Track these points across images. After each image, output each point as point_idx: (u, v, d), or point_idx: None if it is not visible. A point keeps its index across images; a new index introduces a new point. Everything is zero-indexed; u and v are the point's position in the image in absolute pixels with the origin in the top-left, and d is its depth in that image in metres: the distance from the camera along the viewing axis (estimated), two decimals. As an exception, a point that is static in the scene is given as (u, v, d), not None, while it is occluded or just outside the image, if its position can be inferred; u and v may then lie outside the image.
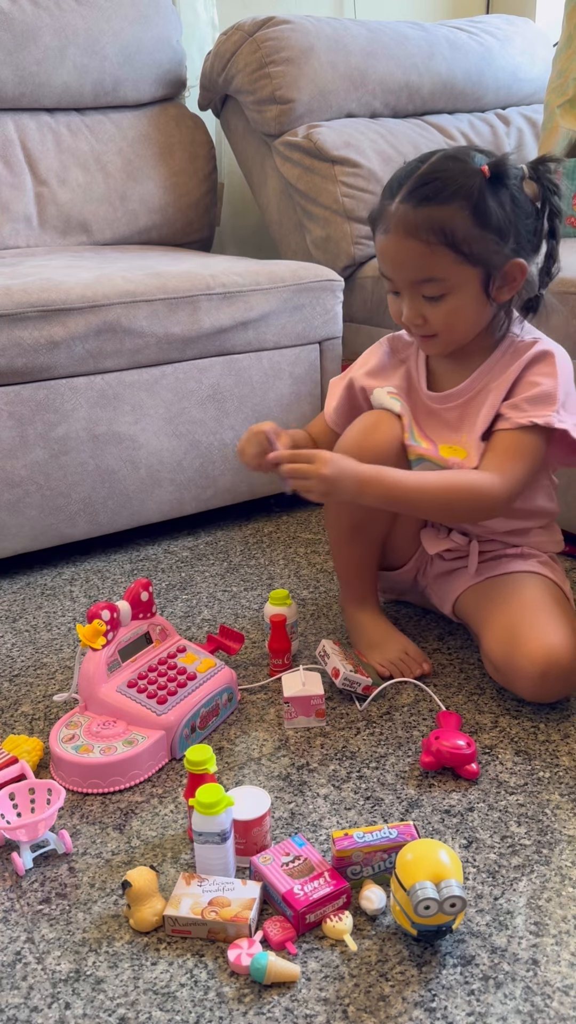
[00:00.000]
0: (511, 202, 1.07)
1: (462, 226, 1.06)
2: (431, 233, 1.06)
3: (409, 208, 1.07)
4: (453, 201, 1.06)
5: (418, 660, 1.28)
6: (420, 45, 2.17)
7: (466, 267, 1.08)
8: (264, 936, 0.86)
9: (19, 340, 1.49)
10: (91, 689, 1.14)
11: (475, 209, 1.06)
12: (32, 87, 2.03)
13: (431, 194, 1.06)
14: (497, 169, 1.06)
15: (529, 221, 1.10)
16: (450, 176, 1.06)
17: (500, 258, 1.08)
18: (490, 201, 1.06)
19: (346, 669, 1.20)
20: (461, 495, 1.12)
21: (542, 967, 0.82)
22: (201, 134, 2.25)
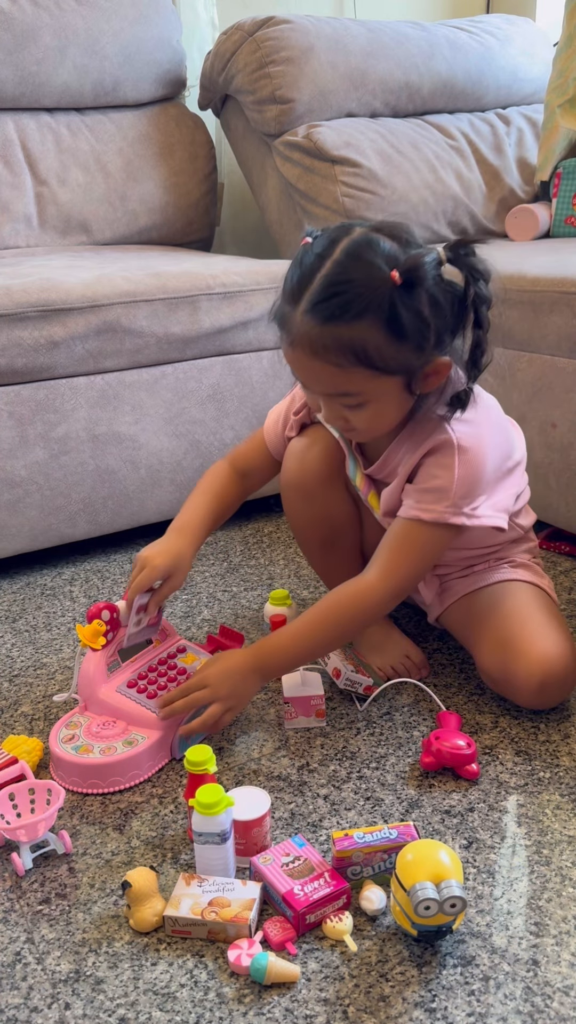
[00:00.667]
0: (429, 302, 0.95)
1: (375, 343, 0.94)
2: (341, 355, 0.95)
3: (314, 325, 0.95)
4: (363, 317, 0.93)
5: (418, 665, 1.28)
6: (420, 45, 2.17)
7: (384, 379, 0.98)
8: (264, 936, 0.86)
9: (19, 340, 1.49)
10: (91, 689, 1.14)
11: (388, 323, 0.94)
12: (32, 87, 2.03)
13: (337, 311, 0.93)
14: (409, 274, 0.92)
15: (451, 315, 0.97)
16: (357, 288, 0.93)
17: (421, 361, 0.98)
18: (404, 310, 0.93)
19: (347, 669, 1.20)
20: (344, 615, 1.10)
21: (542, 967, 0.82)
22: (201, 134, 2.25)
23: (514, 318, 1.59)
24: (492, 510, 1.09)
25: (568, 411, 1.53)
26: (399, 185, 2.00)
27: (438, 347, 0.99)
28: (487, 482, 1.08)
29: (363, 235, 0.96)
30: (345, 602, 1.10)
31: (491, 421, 1.11)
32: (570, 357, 1.51)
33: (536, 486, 1.61)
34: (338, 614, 1.10)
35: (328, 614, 1.10)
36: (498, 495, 1.11)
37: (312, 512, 1.26)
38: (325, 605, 1.11)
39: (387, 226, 0.98)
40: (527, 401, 1.59)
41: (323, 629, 1.10)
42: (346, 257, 0.94)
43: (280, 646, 1.11)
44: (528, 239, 2.03)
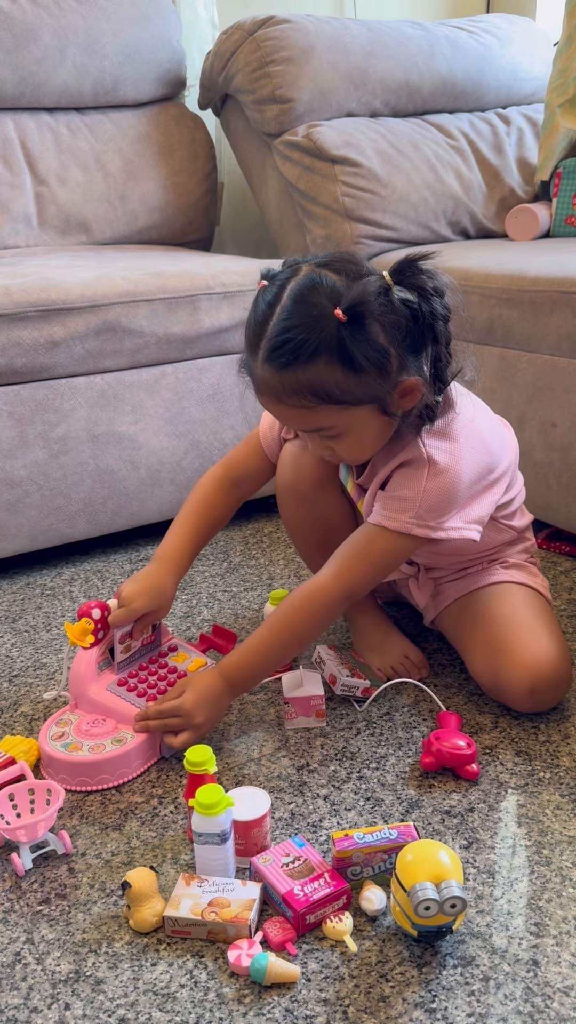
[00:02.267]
0: (383, 329, 0.95)
1: (333, 381, 0.95)
2: (304, 397, 0.97)
3: (273, 373, 0.97)
4: (316, 359, 0.94)
5: (418, 665, 1.28)
6: (420, 44, 2.17)
7: (354, 410, 0.99)
8: (264, 937, 0.85)
9: (19, 340, 1.49)
10: (81, 687, 1.15)
11: (342, 359, 0.94)
12: (32, 87, 2.03)
13: (291, 358, 0.95)
14: (354, 309, 0.92)
15: (409, 336, 0.97)
16: (304, 333, 0.94)
17: (388, 385, 0.98)
18: (355, 345, 0.94)
19: (342, 675, 1.20)
20: (298, 617, 1.11)
21: (542, 968, 0.82)
22: (201, 134, 2.25)
23: (514, 318, 1.59)
24: (463, 522, 1.09)
25: (568, 411, 1.52)
26: (399, 185, 2.00)
27: (403, 369, 0.99)
28: (458, 499, 1.07)
29: (307, 275, 0.96)
30: (297, 604, 1.11)
31: (473, 437, 1.09)
32: (570, 357, 1.51)
33: (536, 486, 1.61)
34: (293, 618, 1.11)
35: (283, 619, 1.11)
36: (473, 508, 1.10)
37: (307, 515, 1.27)
38: (280, 611, 1.12)
39: (334, 260, 0.98)
40: (527, 401, 1.59)
41: (281, 635, 1.12)
42: (292, 302, 0.95)
43: (244, 661, 1.12)
44: (528, 239, 2.03)
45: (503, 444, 1.16)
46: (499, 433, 1.17)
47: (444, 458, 1.06)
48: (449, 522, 1.08)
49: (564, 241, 1.96)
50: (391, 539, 1.08)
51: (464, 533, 1.09)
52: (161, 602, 1.18)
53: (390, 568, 1.13)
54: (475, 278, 1.67)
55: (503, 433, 1.19)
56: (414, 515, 1.06)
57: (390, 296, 0.95)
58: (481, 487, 1.11)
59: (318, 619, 1.12)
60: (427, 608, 1.31)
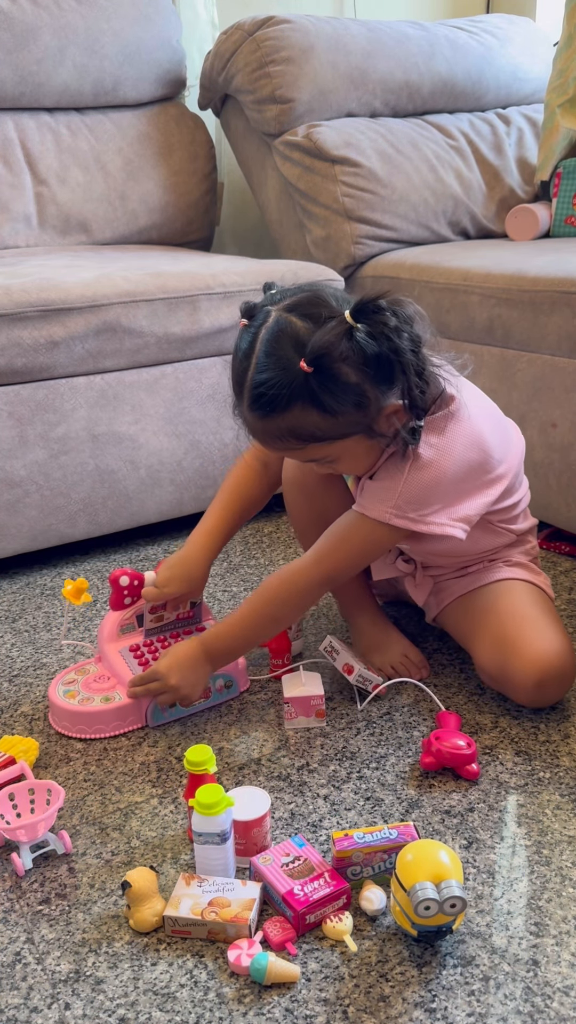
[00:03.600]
0: (353, 369, 0.97)
1: (312, 423, 1.00)
2: (289, 440, 1.02)
3: (256, 420, 1.02)
4: (292, 406, 0.98)
5: (418, 665, 1.28)
6: (420, 45, 2.17)
7: (339, 443, 1.03)
8: (264, 937, 0.86)
9: (19, 340, 1.49)
10: (101, 644, 1.25)
11: (317, 405, 0.98)
12: (32, 87, 2.03)
13: (268, 408, 0.99)
14: (318, 360, 0.95)
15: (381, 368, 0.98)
16: (277, 385, 0.97)
17: (370, 415, 1.01)
18: (325, 391, 0.97)
19: (360, 666, 1.20)
20: (277, 597, 1.14)
21: (542, 968, 0.82)
22: (201, 134, 2.25)
23: (514, 318, 1.59)
24: (448, 519, 1.09)
25: (568, 411, 1.53)
26: (399, 185, 2.00)
27: (382, 397, 1.01)
28: (443, 494, 1.08)
29: (275, 322, 0.99)
30: (276, 584, 1.14)
31: (466, 435, 1.08)
32: (570, 357, 1.51)
33: (536, 486, 1.61)
34: (271, 597, 1.14)
35: (262, 597, 1.15)
36: (461, 506, 1.09)
37: (311, 510, 1.27)
38: (261, 589, 1.15)
39: (301, 303, 1.00)
40: (527, 401, 1.59)
41: (260, 612, 1.15)
42: (264, 356, 0.99)
43: (222, 632, 1.16)
44: (528, 239, 2.03)
45: (506, 447, 1.16)
46: (503, 435, 1.16)
47: (429, 452, 1.07)
48: (432, 516, 1.08)
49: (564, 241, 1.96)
50: (370, 527, 1.10)
51: (447, 530, 1.08)
52: (193, 585, 1.25)
53: (369, 556, 1.15)
54: (475, 278, 1.67)
55: (509, 435, 1.19)
56: (393, 505, 1.07)
57: (354, 337, 0.96)
58: (472, 486, 1.11)
59: (296, 601, 1.14)
60: (429, 605, 1.31)
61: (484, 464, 1.11)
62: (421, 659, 1.29)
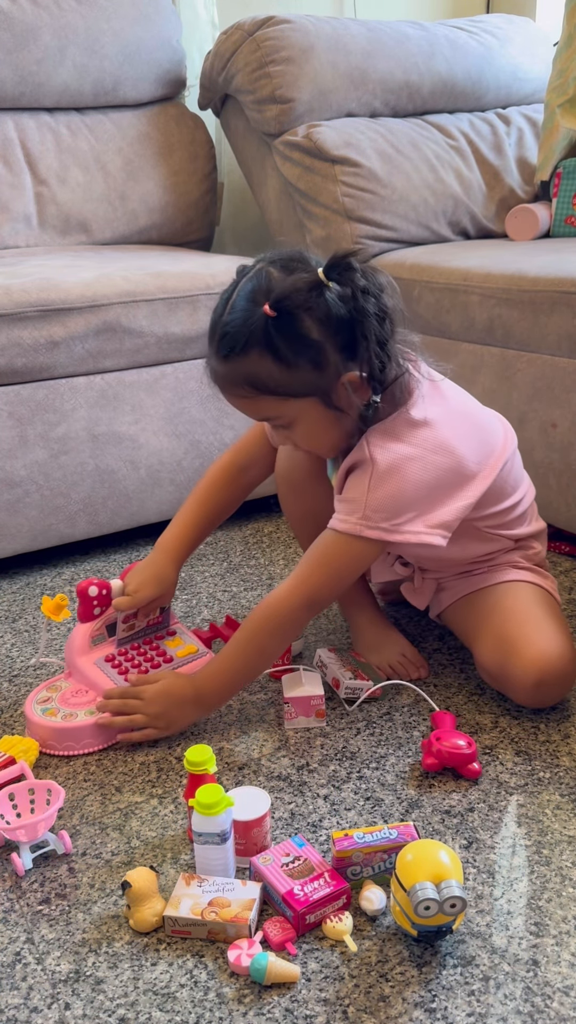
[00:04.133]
0: (316, 324, 0.97)
1: (268, 372, 1.00)
2: (242, 387, 1.02)
3: (218, 362, 1.03)
4: (250, 351, 0.99)
5: (415, 663, 1.28)
6: (420, 45, 2.17)
7: (294, 402, 1.03)
8: (264, 937, 0.86)
9: (19, 340, 1.49)
10: (72, 657, 1.22)
11: (274, 352, 0.98)
12: (32, 87, 2.03)
13: (228, 349, 1.00)
14: (281, 305, 0.96)
15: (344, 332, 0.99)
16: (237, 326, 0.99)
17: (327, 379, 1.01)
18: (286, 340, 0.98)
19: (345, 677, 1.21)
20: (262, 631, 1.11)
21: (542, 968, 0.82)
22: (201, 134, 2.25)
23: (514, 318, 1.59)
24: (424, 527, 1.07)
25: (568, 411, 1.52)
26: (399, 185, 2.00)
27: (344, 361, 1.00)
28: (414, 501, 1.06)
29: (254, 273, 1.01)
30: (260, 618, 1.12)
31: (430, 440, 1.06)
32: (570, 357, 1.51)
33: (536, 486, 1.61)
34: (257, 631, 1.12)
35: (248, 633, 1.12)
36: (437, 512, 1.08)
37: (301, 506, 1.28)
38: (244, 627, 1.13)
39: (282, 258, 1.02)
40: (527, 401, 1.59)
41: (248, 649, 1.13)
42: (238, 298, 1.01)
43: (212, 673, 1.14)
44: (528, 239, 2.03)
45: (485, 448, 1.13)
46: (481, 435, 1.13)
47: (389, 457, 1.05)
48: (407, 525, 1.06)
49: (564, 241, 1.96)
50: (346, 543, 1.08)
51: (424, 538, 1.07)
52: (164, 589, 1.24)
53: (350, 574, 1.12)
54: (475, 278, 1.67)
55: (489, 435, 1.15)
56: (362, 516, 1.06)
57: (323, 292, 0.97)
58: (446, 491, 1.08)
59: (281, 632, 1.12)
60: (432, 602, 1.31)
61: (456, 468, 1.08)
62: (419, 658, 1.29)
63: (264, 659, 1.15)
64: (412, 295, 1.83)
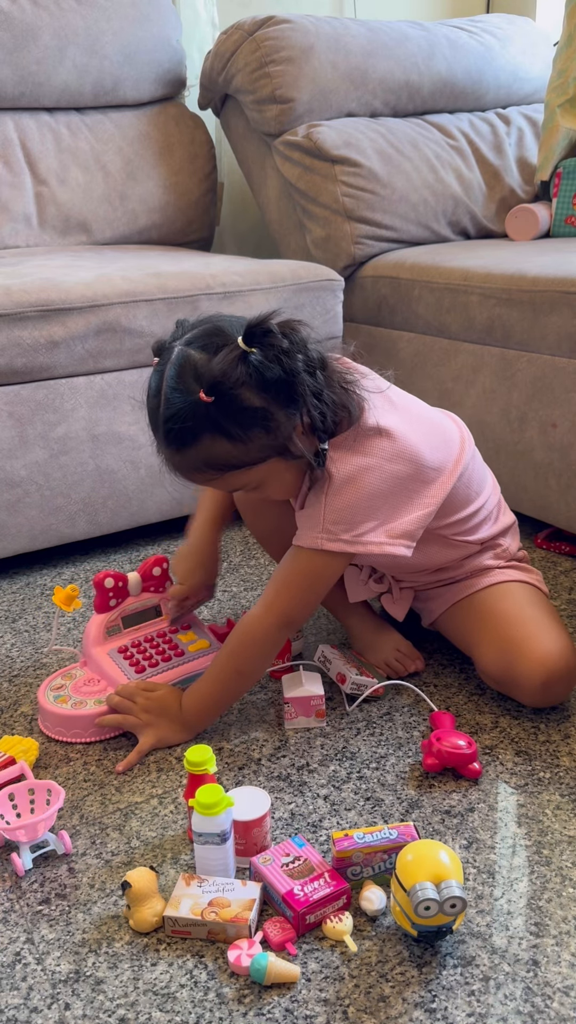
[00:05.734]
0: (255, 393, 0.98)
1: (223, 451, 1.00)
2: (204, 471, 1.03)
3: (172, 454, 1.03)
4: (201, 438, 0.99)
5: (411, 656, 1.28)
6: (420, 44, 2.17)
7: (257, 467, 1.03)
8: (264, 937, 0.86)
9: (19, 340, 1.49)
10: (87, 647, 1.25)
11: (224, 433, 0.99)
12: (32, 87, 2.03)
13: (179, 442, 1.01)
14: (217, 389, 0.96)
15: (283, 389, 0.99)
16: (181, 419, 0.98)
17: (282, 437, 1.01)
18: (231, 417, 0.98)
19: (351, 673, 1.21)
20: (241, 654, 1.12)
21: (542, 968, 0.82)
22: (201, 134, 2.25)
23: (514, 318, 1.59)
24: (386, 537, 1.07)
25: (568, 411, 1.53)
26: (399, 185, 2.00)
27: (291, 417, 1.01)
28: (373, 511, 1.06)
29: (176, 358, 1.00)
30: (237, 640, 1.13)
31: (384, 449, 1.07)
32: (570, 357, 1.51)
33: (536, 486, 1.61)
34: (235, 654, 1.13)
35: (228, 655, 1.13)
36: (399, 521, 1.08)
37: (264, 524, 1.31)
38: (225, 648, 1.14)
39: (199, 336, 1.01)
40: (527, 401, 1.59)
41: (226, 672, 1.13)
42: (169, 392, 0.99)
43: (195, 695, 1.15)
44: (528, 239, 2.03)
45: (443, 452, 1.13)
46: (438, 440, 1.13)
47: (345, 469, 1.05)
48: (368, 536, 1.06)
49: (564, 241, 1.96)
50: (309, 558, 1.08)
51: (387, 549, 1.07)
52: (209, 570, 1.31)
53: (320, 589, 1.12)
54: (475, 278, 1.67)
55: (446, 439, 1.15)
56: (321, 530, 1.06)
57: (249, 361, 0.96)
58: (407, 499, 1.09)
59: (259, 653, 1.13)
60: (424, 612, 1.31)
61: (415, 475, 1.09)
62: (413, 651, 1.29)
63: (245, 681, 1.15)
64: (412, 295, 1.83)
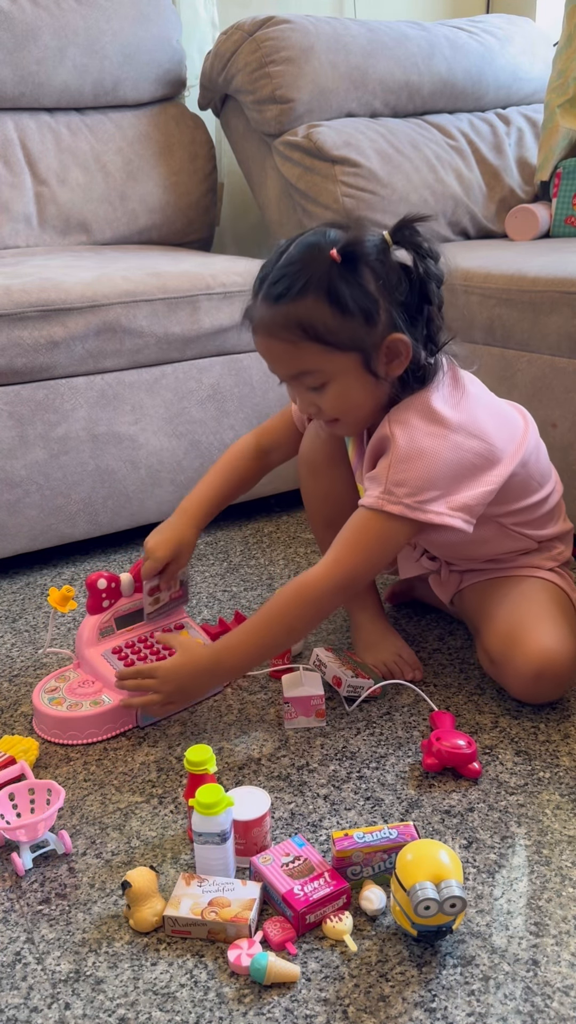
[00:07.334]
0: (375, 279, 1.00)
1: (321, 318, 1.00)
2: (291, 330, 1.02)
3: (267, 307, 1.03)
4: (307, 294, 1.00)
5: (411, 664, 1.28)
6: (420, 45, 2.17)
7: (338, 355, 1.02)
8: (264, 936, 0.86)
9: (19, 340, 1.49)
10: (80, 649, 1.25)
11: (332, 298, 0.99)
12: (32, 87, 2.03)
13: (284, 290, 1.01)
14: (349, 250, 0.98)
15: (402, 291, 1.02)
16: (299, 268, 1.00)
17: (374, 337, 1.02)
18: (347, 286, 0.99)
19: (347, 676, 1.21)
20: (290, 610, 1.10)
21: (542, 967, 0.82)
22: (201, 134, 2.25)
23: (514, 318, 1.59)
24: (446, 507, 1.06)
25: (568, 411, 1.53)
26: (399, 185, 2.00)
27: (392, 325, 1.02)
28: (435, 479, 1.05)
29: (316, 230, 1.04)
30: (291, 594, 1.10)
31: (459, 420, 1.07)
32: (570, 357, 1.51)
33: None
34: (285, 609, 1.11)
35: (276, 610, 1.11)
36: (460, 494, 1.07)
37: (317, 488, 1.29)
38: (274, 601, 1.12)
39: (342, 221, 1.06)
40: (527, 401, 1.59)
41: (273, 625, 1.11)
42: (296, 246, 1.03)
43: (235, 644, 1.13)
44: (528, 239, 2.03)
45: (502, 431, 1.13)
46: (499, 419, 1.14)
47: (412, 435, 1.05)
48: (430, 504, 1.05)
49: (564, 241, 1.96)
50: (371, 519, 1.07)
51: (447, 520, 1.06)
52: (181, 550, 1.26)
53: (382, 556, 1.10)
54: (475, 278, 1.67)
55: (505, 419, 1.15)
56: (384, 491, 1.05)
57: (387, 252, 1.01)
58: (469, 473, 1.07)
59: (312, 611, 1.11)
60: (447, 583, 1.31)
61: (480, 451, 1.08)
62: (415, 660, 1.29)
63: (291, 637, 1.14)
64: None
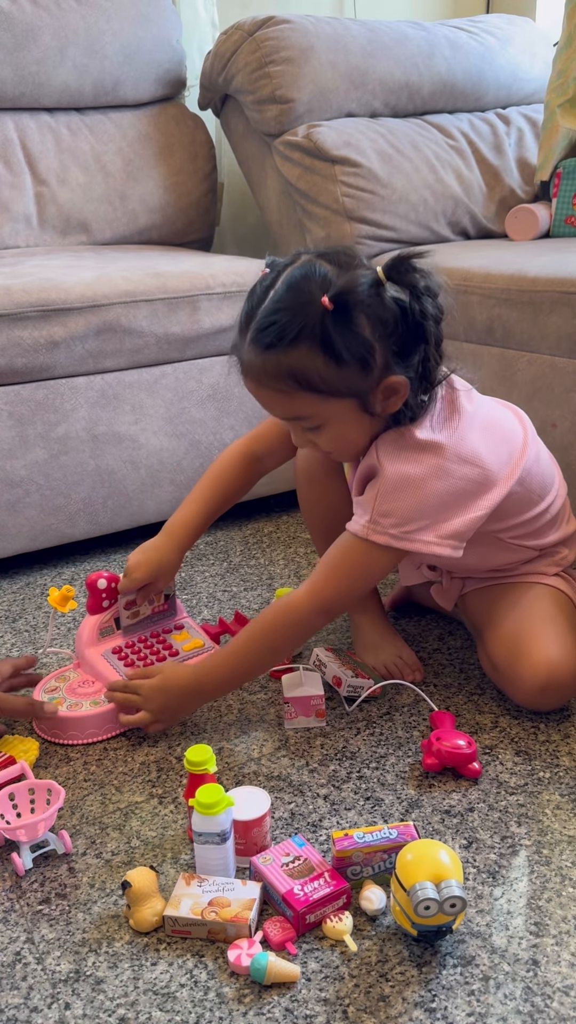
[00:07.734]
0: (369, 323, 0.95)
1: (315, 368, 0.96)
2: (284, 380, 0.98)
3: (257, 354, 0.98)
4: (299, 344, 0.95)
5: (411, 666, 1.28)
6: (420, 45, 2.17)
7: (333, 401, 0.99)
8: (264, 936, 0.86)
9: (19, 340, 1.49)
10: (80, 649, 1.25)
11: (325, 348, 0.95)
12: (32, 87, 2.03)
13: (274, 339, 0.96)
14: (341, 298, 0.93)
15: (397, 333, 0.97)
16: (290, 316, 0.95)
17: (370, 382, 0.98)
18: (340, 335, 0.94)
19: (347, 676, 1.21)
20: (273, 632, 1.11)
21: (542, 967, 0.82)
22: (201, 134, 2.25)
23: (514, 318, 1.59)
24: (435, 536, 1.04)
25: (568, 411, 1.53)
26: (399, 185, 2.00)
27: (388, 367, 0.99)
28: (424, 510, 1.03)
29: (304, 263, 0.98)
30: (271, 618, 1.11)
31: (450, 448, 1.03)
32: (570, 357, 1.51)
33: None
34: (267, 631, 1.11)
35: (258, 632, 1.12)
36: (452, 523, 1.04)
37: (314, 499, 1.29)
38: (257, 623, 1.12)
39: (332, 252, 0.99)
40: (527, 401, 1.59)
41: (255, 647, 1.12)
42: (285, 288, 0.97)
43: (216, 665, 1.13)
44: (528, 239, 2.03)
45: (499, 454, 1.08)
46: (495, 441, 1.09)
47: (400, 467, 1.03)
48: (417, 534, 1.04)
49: (564, 241, 1.96)
50: (356, 546, 1.06)
51: (435, 549, 1.04)
52: (161, 573, 1.23)
53: (364, 580, 1.10)
54: (475, 278, 1.67)
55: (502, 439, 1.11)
56: (370, 519, 1.04)
57: (381, 292, 0.95)
58: (459, 501, 1.05)
59: (292, 634, 1.12)
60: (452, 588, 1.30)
61: (474, 479, 1.05)
62: (415, 662, 1.29)
63: (272, 657, 1.15)
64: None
